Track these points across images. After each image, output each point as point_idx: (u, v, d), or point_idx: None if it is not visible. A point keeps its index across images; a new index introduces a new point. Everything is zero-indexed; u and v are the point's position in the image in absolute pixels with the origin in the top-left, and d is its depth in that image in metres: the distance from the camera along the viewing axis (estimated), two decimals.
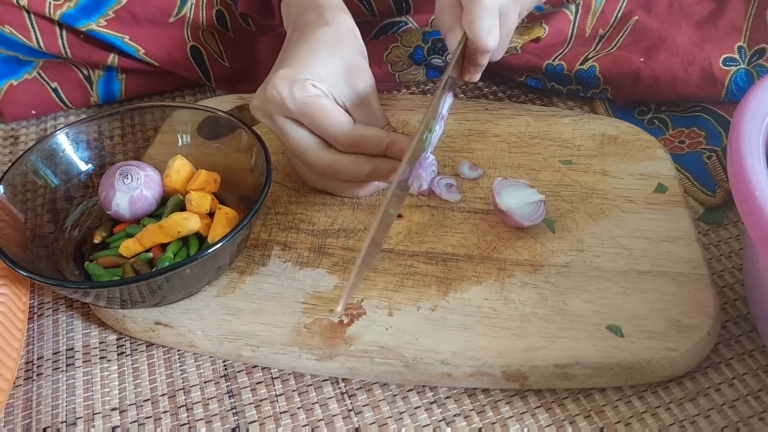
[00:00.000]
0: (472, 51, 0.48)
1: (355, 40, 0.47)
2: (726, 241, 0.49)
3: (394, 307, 0.42)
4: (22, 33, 0.58)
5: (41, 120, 0.65)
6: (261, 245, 0.47)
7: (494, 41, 0.47)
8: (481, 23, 0.46)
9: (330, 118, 0.44)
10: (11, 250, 0.40)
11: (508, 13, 0.48)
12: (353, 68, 0.46)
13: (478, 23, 0.46)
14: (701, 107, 0.58)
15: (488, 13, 0.46)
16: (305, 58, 0.44)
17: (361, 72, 0.46)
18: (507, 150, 0.53)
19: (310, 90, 0.43)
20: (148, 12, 0.59)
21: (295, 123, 0.45)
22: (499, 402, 0.40)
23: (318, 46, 0.45)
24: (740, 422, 0.38)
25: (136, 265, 0.43)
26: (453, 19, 0.48)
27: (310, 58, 0.44)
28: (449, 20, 0.49)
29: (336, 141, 0.45)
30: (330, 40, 0.46)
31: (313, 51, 0.45)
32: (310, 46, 0.45)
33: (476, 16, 0.46)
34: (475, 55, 0.48)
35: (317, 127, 0.44)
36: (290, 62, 0.44)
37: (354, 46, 0.47)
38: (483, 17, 0.46)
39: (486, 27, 0.46)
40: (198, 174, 0.47)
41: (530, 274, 0.43)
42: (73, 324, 0.45)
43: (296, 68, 0.44)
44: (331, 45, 0.45)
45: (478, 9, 0.46)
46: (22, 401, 0.41)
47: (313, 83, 0.44)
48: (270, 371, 0.42)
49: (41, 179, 0.47)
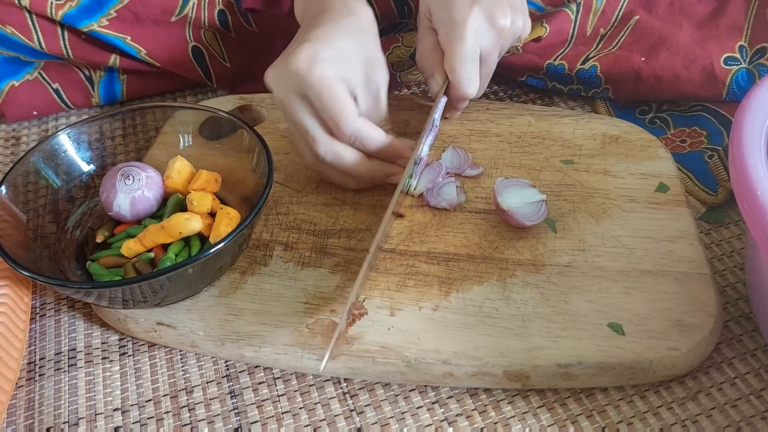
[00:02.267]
0: (453, 96, 0.49)
1: (374, 35, 0.47)
2: (728, 240, 0.49)
3: (395, 307, 0.42)
4: (24, 34, 0.58)
5: (42, 121, 0.65)
6: (263, 245, 0.47)
7: (474, 89, 0.48)
8: (462, 72, 0.47)
9: (339, 104, 0.44)
10: (13, 251, 0.40)
11: (489, 56, 0.49)
12: (371, 60, 0.46)
13: (459, 71, 0.47)
14: (702, 106, 0.58)
15: (469, 60, 0.47)
16: (330, 39, 0.44)
17: (378, 66, 0.46)
18: (508, 150, 0.53)
19: (329, 71, 0.43)
20: (151, 11, 0.59)
21: (305, 103, 0.45)
22: (501, 402, 0.40)
23: (343, 30, 0.45)
24: (742, 421, 0.38)
25: (138, 265, 0.43)
26: (434, 64, 0.50)
27: (335, 39, 0.44)
28: (429, 65, 0.50)
29: (337, 129, 0.45)
30: (353, 29, 0.45)
31: (338, 34, 0.45)
32: (336, 29, 0.45)
33: (457, 63, 0.47)
34: (455, 100, 0.49)
35: (324, 108, 0.44)
36: (315, 39, 0.44)
37: (375, 39, 0.47)
38: (464, 65, 0.47)
39: (466, 75, 0.47)
40: (199, 174, 0.47)
41: (532, 273, 0.43)
42: (75, 324, 0.46)
43: (321, 45, 0.43)
44: (354, 34, 0.45)
45: (459, 56, 0.46)
46: (24, 402, 0.41)
47: (333, 65, 0.43)
48: (272, 371, 0.42)
49: (43, 180, 0.47)
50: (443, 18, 0.48)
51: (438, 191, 0.48)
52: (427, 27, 0.51)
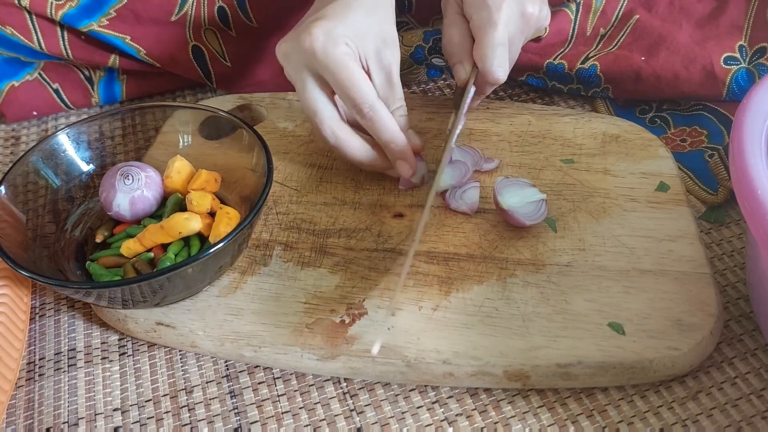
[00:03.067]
0: (481, 82, 0.48)
1: (391, 7, 0.47)
2: (728, 239, 0.49)
3: (396, 306, 0.42)
4: (24, 34, 0.58)
5: (42, 121, 0.65)
6: (262, 245, 0.47)
7: (505, 75, 0.48)
8: (494, 58, 0.47)
9: (356, 83, 0.43)
10: (13, 251, 0.40)
11: (514, 42, 0.49)
12: (385, 37, 0.46)
13: (491, 58, 0.47)
14: (702, 106, 0.58)
15: (501, 47, 0.47)
16: (344, 14, 0.44)
17: (391, 42, 0.46)
18: (508, 149, 0.53)
19: (343, 48, 0.43)
20: (150, 10, 0.59)
21: (318, 81, 0.45)
22: (502, 401, 0.40)
23: (357, 4, 0.45)
24: (743, 421, 0.38)
25: (138, 265, 0.43)
26: (462, 52, 0.49)
27: (349, 15, 0.44)
28: (459, 51, 0.49)
29: (354, 106, 0.45)
30: (369, 3, 0.45)
31: (352, 8, 0.44)
32: (350, 4, 0.45)
33: (489, 49, 0.46)
34: (483, 86, 0.48)
35: (340, 87, 0.44)
36: (329, 15, 0.44)
37: (390, 14, 0.47)
38: (496, 52, 0.46)
39: (498, 62, 0.47)
40: (199, 174, 0.47)
41: (532, 273, 0.43)
42: (75, 324, 0.45)
43: (335, 21, 0.43)
44: (369, 8, 0.45)
45: (492, 43, 0.46)
46: (24, 402, 0.41)
47: (347, 42, 0.43)
48: (272, 371, 0.42)
49: (42, 180, 0.47)
50: (476, 3, 0.48)
51: (461, 195, 0.48)
52: (455, 12, 0.50)
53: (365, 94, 0.44)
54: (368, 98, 0.44)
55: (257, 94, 0.60)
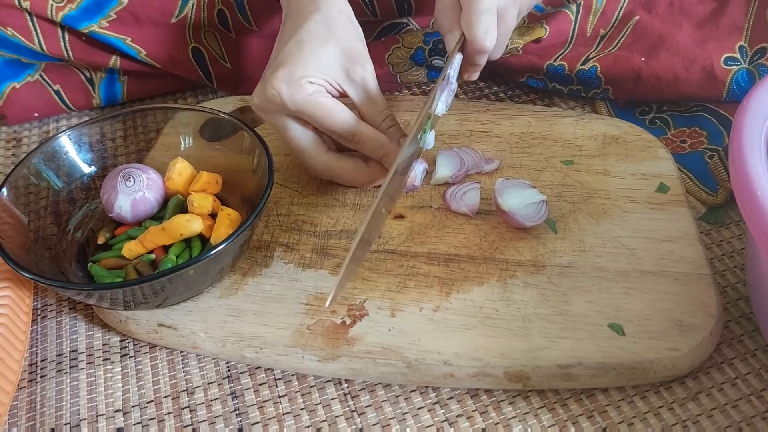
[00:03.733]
0: (471, 51, 0.48)
1: (349, 23, 0.47)
2: (728, 240, 0.49)
3: (396, 308, 0.42)
4: (25, 35, 0.58)
5: (43, 122, 0.65)
6: (263, 247, 0.47)
7: (491, 42, 0.47)
8: (479, 24, 0.46)
9: (331, 115, 0.44)
10: (15, 253, 0.41)
11: (506, 13, 0.48)
12: (348, 53, 0.46)
13: (476, 24, 0.46)
14: (702, 107, 0.58)
15: (486, 13, 0.46)
16: (299, 55, 0.44)
17: (357, 56, 0.46)
18: (509, 150, 0.53)
19: (308, 89, 0.43)
20: (150, 13, 0.59)
21: (296, 121, 0.46)
22: (502, 402, 0.40)
23: (309, 36, 0.45)
24: (743, 422, 0.38)
25: (139, 266, 0.43)
26: (452, 21, 0.49)
27: (303, 54, 0.44)
28: (448, 22, 0.49)
29: (338, 137, 0.46)
30: (322, 27, 0.45)
31: (305, 44, 0.45)
32: (302, 39, 0.45)
33: (474, 17, 0.46)
34: (473, 55, 0.48)
35: (319, 124, 0.45)
36: (285, 61, 0.44)
37: (348, 29, 0.47)
38: (481, 18, 0.46)
39: (483, 28, 0.46)
40: (200, 176, 0.47)
41: (532, 274, 0.43)
42: (77, 326, 0.46)
43: (291, 67, 0.44)
44: (323, 33, 0.45)
45: (476, 10, 0.46)
46: (26, 403, 0.41)
47: (310, 80, 0.44)
48: (273, 372, 0.42)
49: (44, 181, 0.47)
50: None
51: (462, 196, 0.48)
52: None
53: (344, 122, 0.45)
54: (348, 126, 0.45)
55: None
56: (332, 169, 0.48)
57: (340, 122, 0.45)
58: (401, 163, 0.43)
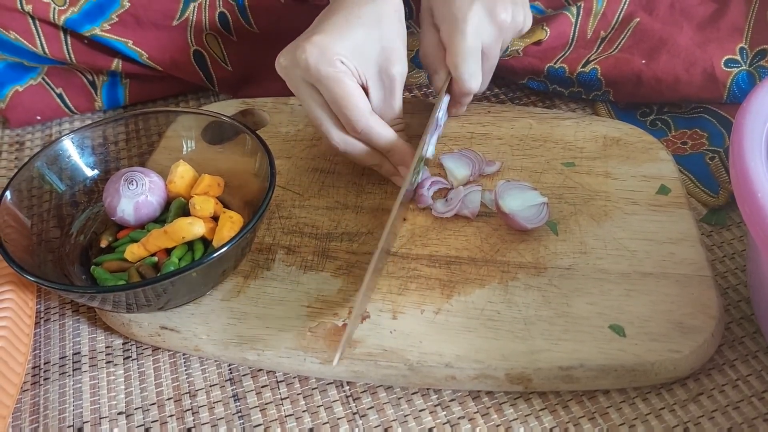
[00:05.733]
0: (457, 92, 0.48)
1: (398, 22, 0.46)
2: (729, 242, 0.49)
3: (397, 310, 0.42)
4: (27, 39, 0.58)
5: (46, 126, 0.65)
6: (265, 249, 0.47)
7: (477, 84, 0.48)
8: (465, 66, 0.46)
9: (349, 100, 0.44)
10: (18, 256, 0.41)
11: (491, 50, 0.49)
12: (388, 51, 0.45)
13: (461, 66, 0.46)
14: (703, 108, 0.58)
15: (471, 55, 0.46)
16: (342, 30, 0.44)
17: (395, 57, 0.45)
18: (510, 153, 0.53)
19: (338, 65, 0.43)
20: (152, 15, 0.60)
21: (315, 92, 0.45)
22: (504, 404, 0.40)
23: (358, 21, 0.44)
24: (744, 423, 0.38)
25: (142, 269, 0.44)
26: (437, 61, 0.49)
27: (347, 31, 0.44)
28: (433, 62, 0.50)
29: (347, 123, 0.45)
30: (372, 17, 0.45)
31: (353, 25, 0.44)
32: (350, 19, 0.44)
33: (459, 59, 0.46)
34: (459, 96, 0.49)
35: (334, 103, 0.44)
36: (326, 30, 0.44)
37: (395, 28, 0.46)
38: (466, 61, 0.46)
39: (469, 70, 0.46)
40: (202, 178, 0.47)
41: (533, 276, 0.43)
42: (80, 329, 0.46)
43: (331, 38, 0.43)
44: (372, 23, 0.45)
45: (462, 52, 0.46)
46: (29, 406, 0.42)
47: (342, 59, 0.43)
48: (275, 375, 0.42)
49: (47, 185, 0.47)
50: (444, 14, 0.48)
51: (463, 198, 0.48)
52: (429, 23, 0.50)
53: (359, 111, 0.44)
54: (362, 116, 0.45)
55: (259, 99, 0.60)
56: (346, 145, 0.47)
57: (355, 109, 0.44)
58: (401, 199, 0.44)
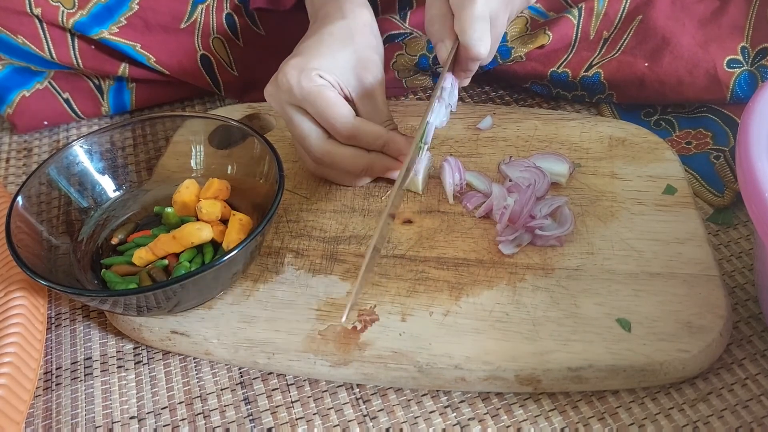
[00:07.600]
0: (464, 58, 0.48)
1: (370, 35, 0.49)
2: (736, 241, 0.49)
3: (406, 312, 0.42)
4: (35, 43, 0.58)
5: (53, 131, 0.66)
6: (274, 253, 0.47)
7: (486, 48, 0.47)
8: (474, 31, 0.46)
9: (332, 109, 0.45)
10: (30, 261, 0.41)
11: (498, 19, 0.49)
12: (363, 61, 0.47)
13: (470, 31, 0.46)
14: (707, 108, 0.58)
15: (480, 20, 0.46)
16: (316, 49, 0.47)
17: (371, 66, 0.48)
18: (515, 154, 0.53)
19: (317, 80, 0.45)
20: (160, 18, 0.60)
21: (300, 111, 0.47)
22: (513, 405, 0.40)
23: (331, 38, 0.47)
24: (754, 422, 0.38)
25: (153, 272, 0.44)
26: (444, 29, 0.49)
27: (320, 50, 0.47)
28: (440, 30, 0.49)
29: (335, 131, 0.46)
30: (344, 32, 0.48)
31: (325, 43, 0.47)
32: (323, 38, 0.47)
33: (468, 24, 0.46)
34: (466, 61, 0.49)
35: (319, 115, 0.46)
36: (303, 52, 0.47)
37: (368, 40, 0.48)
38: (475, 25, 0.46)
39: (478, 35, 0.46)
40: (210, 182, 0.48)
41: (541, 277, 0.44)
42: (91, 334, 0.46)
43: (306, 58, 0.46)
44: (344, 38, 0.47)
45: (470, 17, 0.46)
46: (42, 411, 0.42)
47: (320, 74, 0.45)
48: (285, 378, 0.42)
49: (57, 190, 0.48)
50: None
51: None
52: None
53: (343, 116, 0.46)
54: (347, 120, 0.46)
55: (266, 104, 0.60)
56: (333, 156, 0.48)
57: (339, 116, 0.45)
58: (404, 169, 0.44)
